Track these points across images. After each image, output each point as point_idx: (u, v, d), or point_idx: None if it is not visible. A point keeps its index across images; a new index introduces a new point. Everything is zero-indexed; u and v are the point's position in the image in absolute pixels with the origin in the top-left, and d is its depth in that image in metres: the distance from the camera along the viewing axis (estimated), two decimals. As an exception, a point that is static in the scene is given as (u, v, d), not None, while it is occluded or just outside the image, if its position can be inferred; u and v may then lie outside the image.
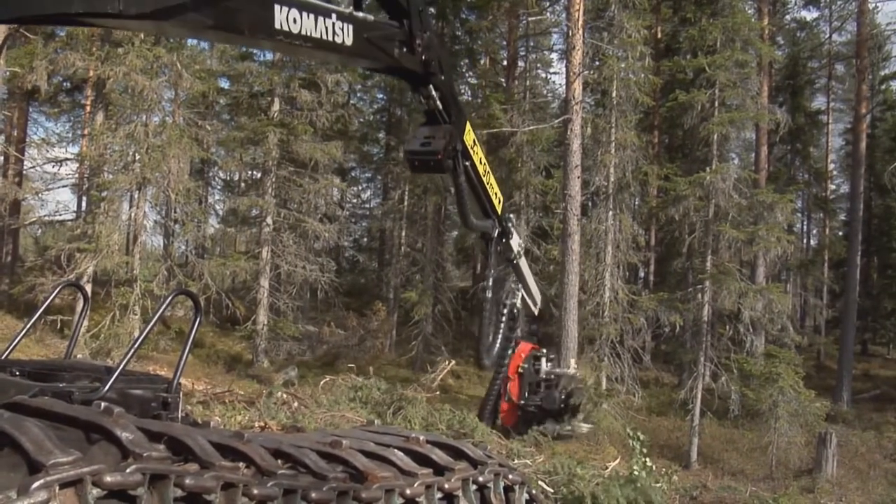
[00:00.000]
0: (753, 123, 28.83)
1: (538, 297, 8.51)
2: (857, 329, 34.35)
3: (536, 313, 8.33)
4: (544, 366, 7.79)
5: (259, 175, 32.12)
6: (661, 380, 30.52)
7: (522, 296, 7.70)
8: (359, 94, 42.90)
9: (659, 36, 33.00)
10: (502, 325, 6.91)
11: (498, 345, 6.53)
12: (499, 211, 6.67)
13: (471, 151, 6.18)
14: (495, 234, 6.70)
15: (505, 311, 7.05)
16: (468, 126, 6.32)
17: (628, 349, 25.53)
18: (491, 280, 6.38)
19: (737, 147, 35.98)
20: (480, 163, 6.34)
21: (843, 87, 45.17)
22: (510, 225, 7.15)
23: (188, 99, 27.94)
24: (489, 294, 6.30)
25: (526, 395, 7.87)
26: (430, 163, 5.96)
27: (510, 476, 4.42)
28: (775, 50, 34.39)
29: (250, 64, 31.06)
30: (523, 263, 7.51)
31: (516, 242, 7.38)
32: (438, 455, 3.91)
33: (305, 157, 28.45)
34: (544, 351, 7.67)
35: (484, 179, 6.41)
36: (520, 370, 7.47)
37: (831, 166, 45.62)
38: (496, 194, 6.53)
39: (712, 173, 24.07)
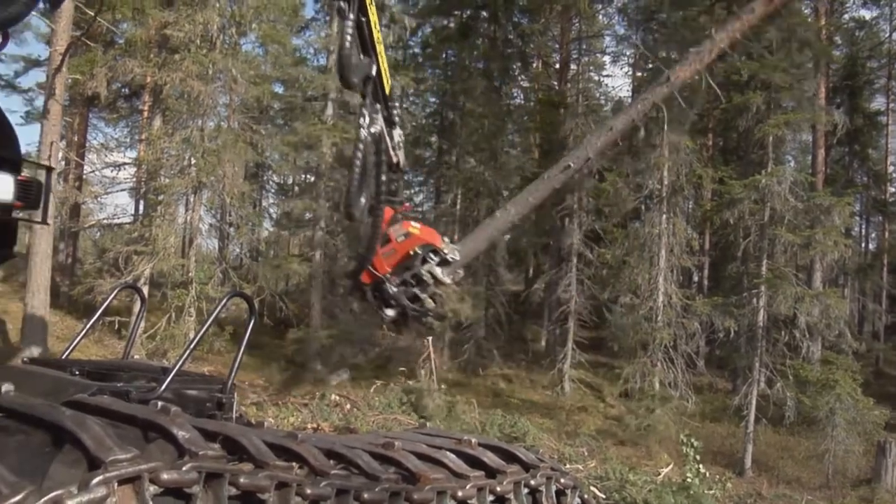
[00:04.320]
0: (810, 125, 28.38)
1: (401, 147, 7.43)
2: (917, 335, 33.71)
3: (395, 160, 7.17)
4: (435, 267, 6.28)
5: (312, 178, 32.37)
6: (715, 385, 30.21)
7: (385, 131, 6.57)
8: (411, 98, 42.98)
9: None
10: (372, 168, 6.03)
11: (366, 193, 5.74)
12: (388, 91, 6.28)
13: (367, 7, 5.80)
14: (380, 124, 6.26)
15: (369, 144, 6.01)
16: None
17: (682, 354, 25.25)
18: (365, 128, 5.70)
19: (793, 149, 35.47)
20: (376, 27, 6.01)
21: (903, 88, 44.35)
22: (396, 114, 6.62)
23: (243, 104, 28.26)
24: (363, 133, 5.64)
25: (397, 276, 6.32)
26: None
27: (562, 480, 4.40)
28: (833, 50, 33.83)
29: (304, 69, 31.32)
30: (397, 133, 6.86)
31: (398, 135, 6.85)
32: (490, 458, 3.91)
33: (358, 161, 28.55)
34: (445, 246, 6.21)
35: (378, 48, 6.00)
36: (412, 252, 6.26)
37: (890, 168, 44.70)
38: (386, 71, 6.16)
39: (768, 176, 23.75)
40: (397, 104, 6.54)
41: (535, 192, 7.69)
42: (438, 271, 6.67)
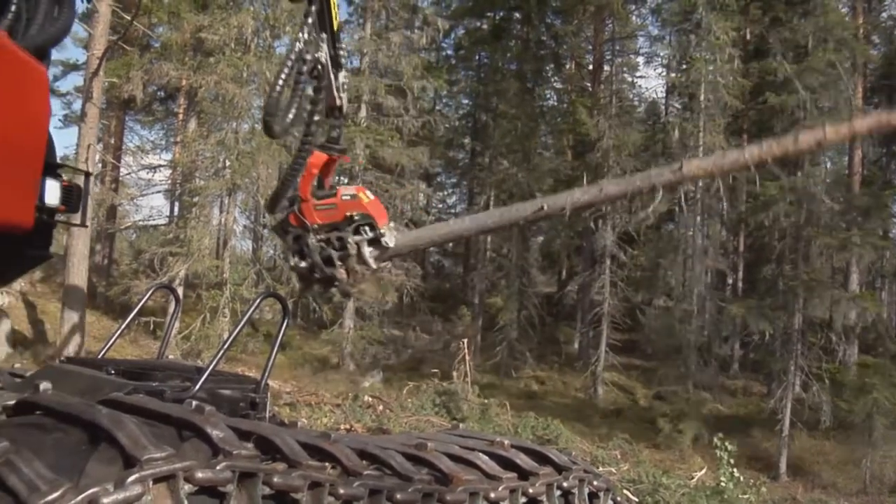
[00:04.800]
0: (847, 126, 28.02)
1: (345, 90, 6.27)
2: (957, 338, 33.17)
3: (338, 103, 5.91)
4: (365, 242, 5.17)
5: (346, 180, 32.48)
6: (750, 389, 29.92)
7: (331, 71, 5.55)
8: (444, 100, 43.10)
9: (748, 38, 32.37)
10: (301, 84, 5.10)
11: (293, 112, 4.92)
12: (335, 28, 5.81)
13: None
14: (324, 53, 5.67)
15: (305, 67, 5.42)
16: None
17: (716, 357, 25.08)
18: (301, 42, 5.01)
19: (829, 151, 35.06)
20: None
21: (943, 88, 43.60)
22: (342, 55, 5.98)
23: (277, 106, 28.41)
24: (299, 45, 4.95)
25: (323, 232, 5.34)
26: None
27: (595, 482, 4.38)
28: (870, 49, 33.39)
29: (337, 71, 31.42)
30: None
31: (343, 76, 6.19)
32: (523, 459, 3.90)
33: (392, 163, 28.69)
34: (386, 228, 5.13)
35: None
36: (349, 214, 5.30)
37: (930, 170, 44.06)
38: (335, 6, 5.75)
39: (804, 177, 23.53)
40: (343, 46, 6.10)
41: (497, 218, 7.16)
42: (366, 249, 6.11)
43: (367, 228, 6.11)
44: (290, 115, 4.97)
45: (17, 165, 2.48)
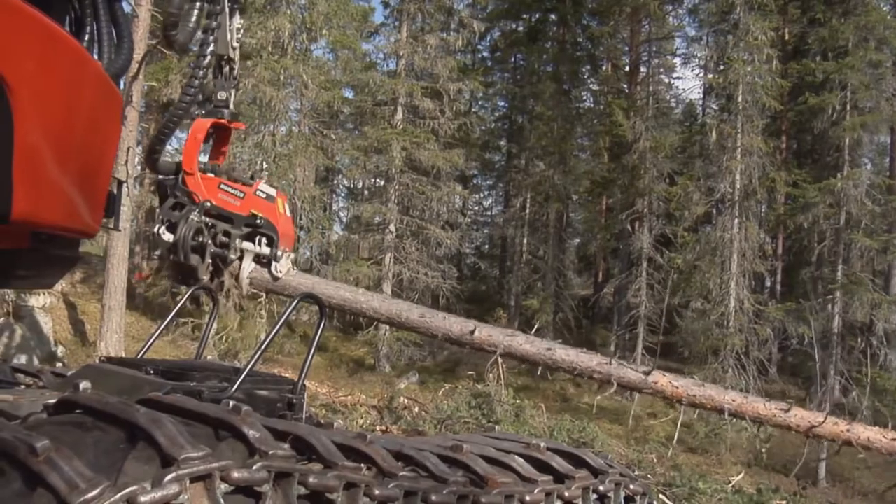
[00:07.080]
0: (888, 126, 27.70)
1: (238, 41, 5.35)
2: None
3: (230, 53, 5.35)
4: (253, 254, 5.68)
5: (382, 182, 32.57)
6: (788, 393, 29.51)
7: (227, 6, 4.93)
8: (480, 102, 43.06)
9: (786, 38, 32.04)
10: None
11: (193, 21, 4.27)
12: None
13: None
14: None
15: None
16: None
17: (754, 361, 24.82)
18: None
19: (870, 152, 34.59)
20: None
21: None
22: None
23: (314, 109, 28.56)
24: None
25: (212, 214, 5.57)
26: None
27: (631, 486, 4.35)
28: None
29: (374, 73, 31.54)
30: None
31: (238, 21, 5.31)
32: (559, 462, 3.88)
33: (428, 165, 28.73)
34: (286, 254, 5.54)
35: None
36: (254, 214, 5.33)
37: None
38: None
39: (843, 179, 23.27)
40: None
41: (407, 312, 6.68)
42: (249, 263, 5.18)
43: (263, 241, 5.27)
44: (191, 25, 4.34)
45: (98, 179, 2.65)
